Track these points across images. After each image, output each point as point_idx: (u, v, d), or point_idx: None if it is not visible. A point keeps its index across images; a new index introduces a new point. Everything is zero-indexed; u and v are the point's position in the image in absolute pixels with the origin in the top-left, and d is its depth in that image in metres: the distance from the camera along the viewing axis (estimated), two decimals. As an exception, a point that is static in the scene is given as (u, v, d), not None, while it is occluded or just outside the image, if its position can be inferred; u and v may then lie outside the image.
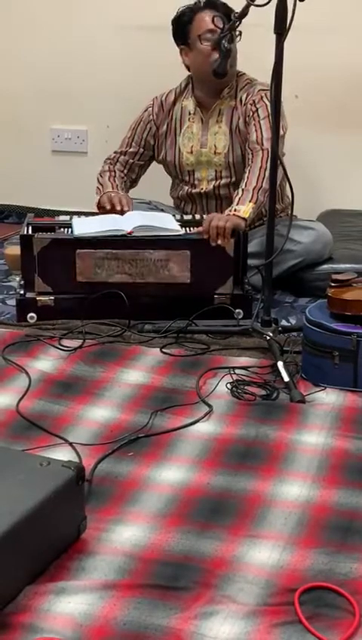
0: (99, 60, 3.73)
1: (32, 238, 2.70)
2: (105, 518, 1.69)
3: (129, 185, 3.13)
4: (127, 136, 3.11)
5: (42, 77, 3.82)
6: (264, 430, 2.05)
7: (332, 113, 3.56)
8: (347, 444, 2.00)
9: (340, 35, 3.43)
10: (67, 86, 3.80)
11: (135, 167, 3.13)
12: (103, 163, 3.14)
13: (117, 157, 3.12)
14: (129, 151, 3.11)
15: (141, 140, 3.09)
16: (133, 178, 3.15)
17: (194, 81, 3.01)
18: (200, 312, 2.66)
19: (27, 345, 2.52)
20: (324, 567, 1.56)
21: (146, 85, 3.23)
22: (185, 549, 1.61)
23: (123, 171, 3.12)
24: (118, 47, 3.68)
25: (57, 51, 3.77)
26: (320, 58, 3.45)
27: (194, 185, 3.07)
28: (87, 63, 3.75)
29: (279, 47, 2.27)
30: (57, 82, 3.80)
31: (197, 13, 2.87)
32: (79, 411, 2.15)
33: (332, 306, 2.33)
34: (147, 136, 3.08)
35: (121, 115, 3.26)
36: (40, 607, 1.44)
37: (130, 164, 3.12)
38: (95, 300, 2.67)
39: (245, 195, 2.76)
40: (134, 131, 3.09)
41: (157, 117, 3.06)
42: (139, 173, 3.15)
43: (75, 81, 3.79)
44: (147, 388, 2.29)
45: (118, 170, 3.11)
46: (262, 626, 1.41)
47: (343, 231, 3.28)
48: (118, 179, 3.08)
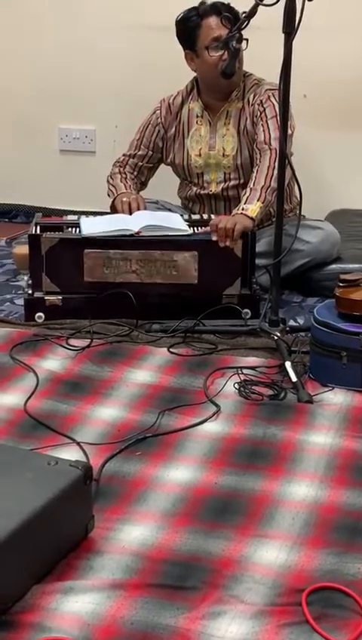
0: (108, 59, 3.73)
1: (40, 238, 2.71)
2: (112, 518, 1.70)
3: (139, 187, 3.13)
4: (136, 139, 3.11)
5: (50, 77, 3.83)
6: (272, 430, 2.05)
7: (341, 113, 3.55)
8: (355, 445, 1.99)
9: (349, 35, 3.43)
10: (75, 86, 3.80)
11: (144, 169, 3.13)
12: (113, 166, 3.13)
13: (126, 160, 3.12)
14: (138, 154, 3.11)
15: (150, 143, 3.09)
16: (143, 181, 3.15)
17: (201, 86, 3.01)
18: (207, 311, 2.66)
19: (35, 344, 2.52)
20: (332, 567, 1.56)
21: (155, 85, 3.23)
22: (193, 549, 1.61)
23: (133, 173, 3.12)
24: (126, 46, 3.68)
25: (65, 51, 3.77)
26: (329, 58, 3.44)
27: (203, 187, 3.07)
28: (95, 62, 3.75)
29: (287, 47, 2.27)
30: (65, 82, 3.81)
31: (203, 19, 2.85)
32: (87, 411, 2.15)
33: (340, 305, 2.33)
34: (155, 139, 3.08)
35: (130, 115, 3.27)
36: (47, 606, 1.44)
37: (139, 167, 3.12)
38: (103, 300, 2.67)
39: (253, 194, 2.76)
40: (142, 134, 3.09)
41: (165, 120, 3.05)
42: (148, 175, 3.15)
43: (83, 81, 3.79)
44: (155, 387, 2.29)
45: (128, 172, 3.11)
46: (270, 626, 1.41)
47: (351, 231, 3.28)
48: (130, 180, 3.08)
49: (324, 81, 3.49)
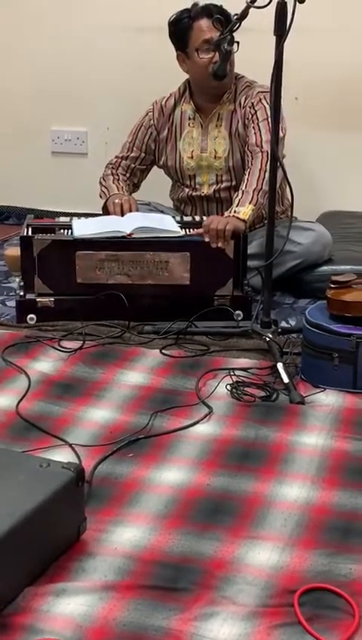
0: (100, 61, 3.73)
1: (32, 240, 2.71)
2: (105, 519, 1.70)
3: (131, 189, 3.13)
4: (128, 141, 3.11)
5: (42, 78, 3.83)
6: (263, 431, 2.06)
7: (332, 115, 3.56)
8: (346, 446, 2.00)
9: (339, 37, 3.44)
10: (67, 87, 3.80)
11: (136, 171, 3.13)
12: (105, 167, 3.14)
13: (118, 162, 3.12)
14: (130, 155, 3.11)
15: (142, 145, 3.09)
16: (135, 182, 3.15)
17: (193, 88, 3.01)
18: (200, 313, 2.67)
19: (27, 346, 2.52)
20: (324, 568, 1.56)
21: (147, 87, 3.24)
22: (185, 550, 1.61)
23: (125, 175, 3.12)
24: (118, 48, 3.68)
25: (57, 52, 3.78)
26: (320, 60, 3.45)
27: (195, 188, 3.07)
28: (87, 64, 3.75)
29: (279, 49, 2.28)
30: (57, 83, 3.81)
31: (195, 21, 2.86)
32: (79, 412, 2.15)
33: (332, 307, 2.33)
34: (148, 141, 3.08)
35: (122, 117, 3.27)
36: (40, 608, 1.44)
37: (131, 169, 3.12)
38: (95, 302, 2.67)
39: (245, 196, 2.77)
40: (135, 136, 3.09)
41: (158, 121, 3.06)
42: (141, 177, 3.16)
43: (75, 83, 3.79)
44: (147, 389, 2.29)
45: (120, 174, 3.11)
46: (262, 627, 1.41)
47: (343, 232, 3.29)
48: (122, 182, 3.08)
49: (316, 83, 3.50)
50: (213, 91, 2.94)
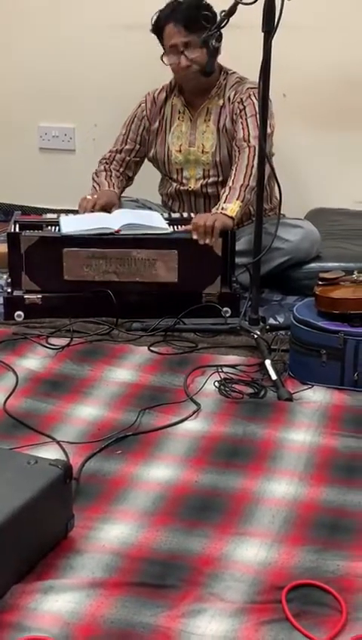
0: (87, 58, 3.72)
1: (19, 236, 2.70)
2: (93, 517, 1.69)
3: (125, 183, 3.12)
4: (122, 134, 3.11)
5: (30, 75, 3.81)
6: (251, 428, 2.06)
7: (320, 112, 3.56)
8: (334, 442, 2.00)
9: (328, 34, 3.44)
10: (55, 84, 3.79)
11: (131, 164, 3.12)
12: (99, 163, 3.13)
13: (113, 156, 3.12)
14: (125, 148, 3.10)
15: (136, 137, 3.09)
16: (130, 175, 3.14)
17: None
18: (188, 310, 2.66)
19: (14, 343, 2.51)
20: (311, 564, 1.57)
21: (134, 84, 3.23)
22: (173, 547, 1.61)
23: (119, 170, 3.11)
24: (106, 45, 3.67)
25: (45, 49, 3.76)
26: (309, 57, 3.45)
27: (182, 183, 3.07)
28: (75, 61, 3.74)
29: (267, 46, 2.27)
30: (45, 80, 3.79)
31: (165, 24, 2.85)
32: (67, 410, 2.15)
33: (320, 304, 2.34)
34: (142, 132, 3.08)
35: (109, 114, 3.26)
36: (27, 605, 1.44)
37: (126, 162, 3.11)
38: (83, 299, 2.67)
39: (232, 193, 2.76)
40: (129, 128, 3.09)
41: (150, 112, 3.06)
42: (136, 169, 3.15)
43: (62, 79, 3.78)
44: (135, 386, 2.29)
45: (113, 169, 3.10)
46: (250, 623, 1.41)
47: (331, 229, 3.29)
48: (115, 178, 3.08)
49: (304, 80, 3.50)
50: (189, 89, 2.95)
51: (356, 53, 3.46)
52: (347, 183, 3.62)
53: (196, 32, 2.75)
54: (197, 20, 2.70)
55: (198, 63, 2.82)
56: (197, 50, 2.80)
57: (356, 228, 3.35)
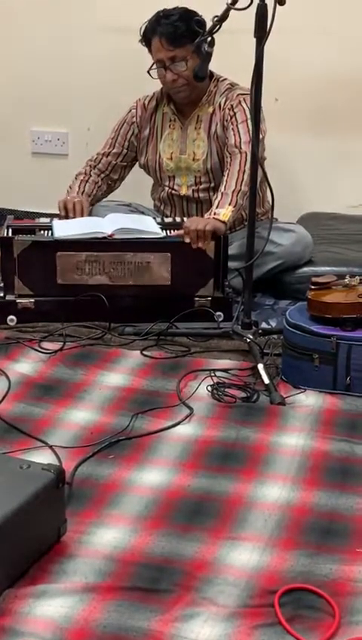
0: (80, 62, 3.72)
1: (12, 241, 2.70)
2: (85, 521, 1.69)
3: (105, 188, 3.12)
4: (111, 137, 3.11)
5: (22, 79, 3.81)
6: (244, 432, 2.06)
7: (313, 116, 3.57)
8: (326, 446, 2.01)
9: (320, 39, 3.44)
10: (48, 88, 3.79)
11: (118, 168, 3.12)
12: (85, 164, 3.13)
13: (99, 158, 3.12)
14: (112, 152, 3.10)
15: (125, 141, 3.09)
16: (115, 178, 3.14)
17: None
18: (180, 314, 2.67)
19: (7, 347, 2.51)
20: (304, 568, 1.57)
21: (127, 88, 3.23)
22: (166, 552, 1.61)
23: (103, 173, 3.11)
24: (99, 49, 3.67)
25: (38, 53, 3.76)
26: (300, 61, 3.46)
27: (174, 189, 3.07)
28: (68, 65, 3.74)
29: (259, 51, 2.28)
30: (38, 84, 3.79)
31: (152, 37, 2.85)
32: (59, 414, 2.14)
33: (312, 308, 2.34)
34: (131, 137, 3.08)
35: (102, 118, 3.25)
36: (20, 610, 1.44)
37: (112, 165, 3.11)
38: (75, 303, 2.67)
39: (224, 198, 2.77)
40: (117, 132, 3.09)
41: (140, 119, 3.06)
42: (123, 173, 3.15)
43: (55, 83, 3.78)
44: (128, 390, 2.29)
45: (94, 173, 3.10)
46: (243, 627, 1.41)
47: (323, 234, 3.30)
48: (90, 184, 3.07)
49: (295, 85, 3.51)
50: (177, 99, 2.96)
51: (349, 58, 3.47)
52: (339, 187, 3.63)
53: (182, 45, 2.78)
54: (183, 34, 2.74)
55: (185, 77, 2.84)
56: (183, 64, 2.82)
57: (348, 232, 3.36)
